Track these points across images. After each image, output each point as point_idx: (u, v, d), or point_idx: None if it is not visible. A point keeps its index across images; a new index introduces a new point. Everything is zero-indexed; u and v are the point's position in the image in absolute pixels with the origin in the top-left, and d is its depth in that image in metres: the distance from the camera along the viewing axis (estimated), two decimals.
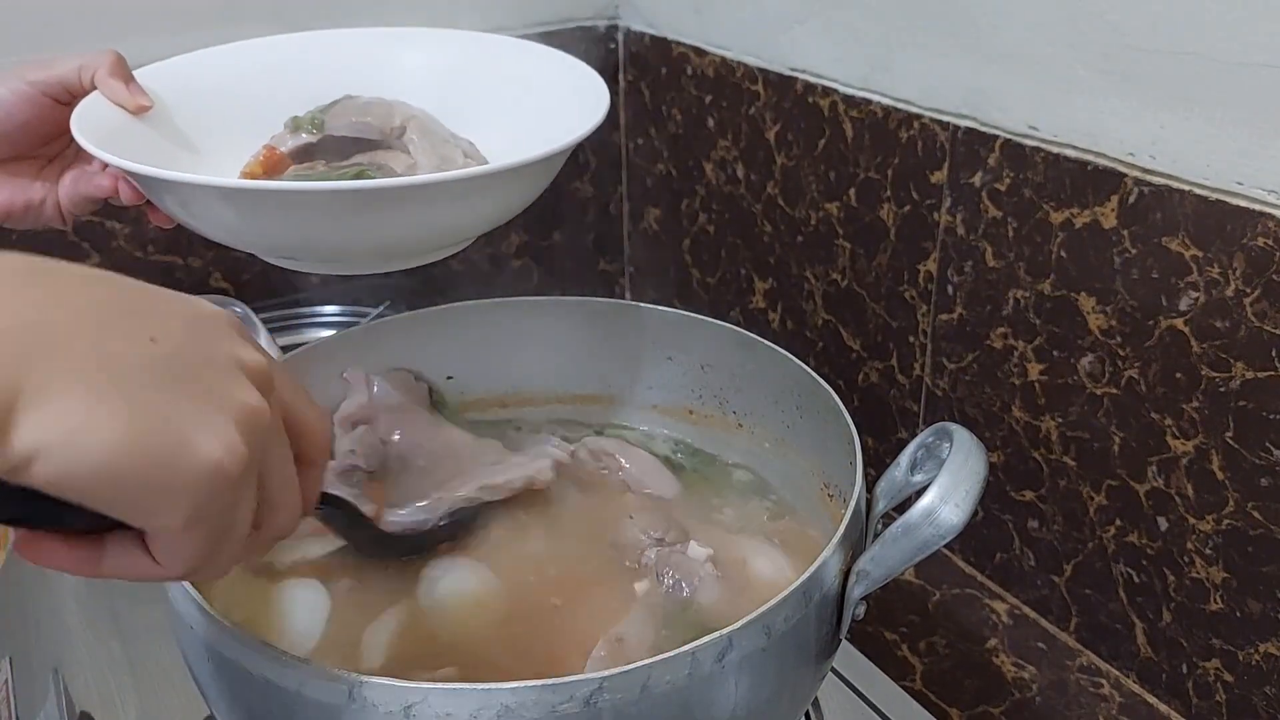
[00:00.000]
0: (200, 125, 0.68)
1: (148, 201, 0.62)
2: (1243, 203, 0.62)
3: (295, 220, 0.56)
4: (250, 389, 0.38)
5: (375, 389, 0.70)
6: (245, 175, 0.67)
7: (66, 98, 0.63)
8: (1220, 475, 0.66)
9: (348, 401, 0.70)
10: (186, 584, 0.50)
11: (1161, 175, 0.66)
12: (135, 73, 0.65)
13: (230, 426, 0.36)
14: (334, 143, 0.68)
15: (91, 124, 0.60)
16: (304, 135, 0.68)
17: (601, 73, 0.67)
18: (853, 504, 0.55)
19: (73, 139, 0.58)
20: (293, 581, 0.62)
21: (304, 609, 0.61)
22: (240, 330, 0.40)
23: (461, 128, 0.70)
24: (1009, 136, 0.75)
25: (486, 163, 0.67)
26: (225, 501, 0.36)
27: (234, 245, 0.60)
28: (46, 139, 0.65)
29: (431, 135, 0.67)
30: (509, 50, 0.73)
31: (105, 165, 0.62)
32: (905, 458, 0.57)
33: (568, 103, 0.67)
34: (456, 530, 0.65)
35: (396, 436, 0.68)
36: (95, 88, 0.62)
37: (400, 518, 0.64)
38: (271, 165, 0.67)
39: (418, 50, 0.74)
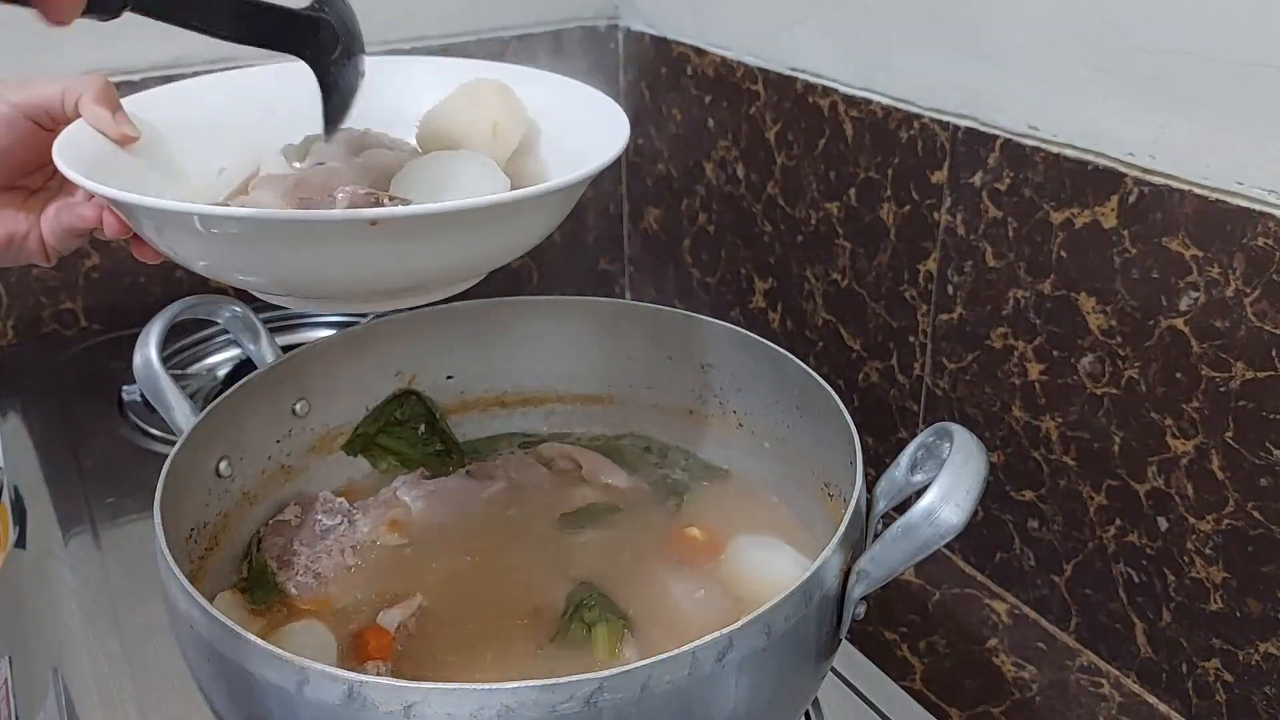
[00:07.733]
0: (193, 156, 0.64)
1: (134, 235, 0.59)
2: (1243, 203, 0.62)
3: (301, 252, 0.52)
4: None
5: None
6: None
7: (49, 123, 0.60)
8: (1220, 475, 0.66)
9: None
10: (185, 581, 0.50)
11: (1161, 175, 0.66)
12: (125, 101, 0.61)
13: None
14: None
15: (75, 151, 0.56)
16: (295, 164, 0.63)
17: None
18: (853, 504, 0.55)
19: (56, 170, 0.55)
20: (300, 624, 0.63)
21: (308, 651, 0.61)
22: None
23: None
24: (1009, 136, 0.75)
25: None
26: None
27: (229, 281, 0.56)
28: (29, 167, 0.62)
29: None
30: (519, 79, 0.69)
31: (91, 196, 0.58)
32: (905, 458, 0.57)
33: (582, 132, 0.63)
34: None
35: None
36: (79, 114, 0.59)
37: None
38: None
39: (423, 79, 0.69)
